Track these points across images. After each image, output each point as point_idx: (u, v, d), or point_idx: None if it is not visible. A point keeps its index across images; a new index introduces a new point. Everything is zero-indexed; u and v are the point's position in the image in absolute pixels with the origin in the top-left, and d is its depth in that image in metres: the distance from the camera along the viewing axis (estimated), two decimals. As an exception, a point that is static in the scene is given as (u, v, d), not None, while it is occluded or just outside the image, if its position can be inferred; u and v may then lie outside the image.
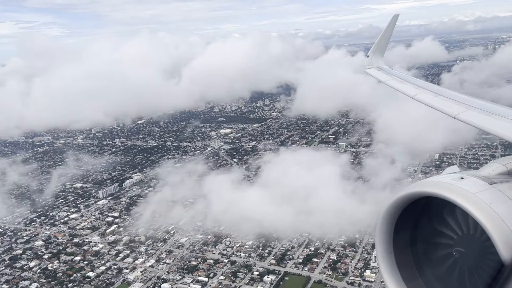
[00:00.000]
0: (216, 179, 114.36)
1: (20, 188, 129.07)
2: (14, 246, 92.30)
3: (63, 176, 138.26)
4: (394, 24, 20.51)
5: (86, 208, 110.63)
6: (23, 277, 79.35)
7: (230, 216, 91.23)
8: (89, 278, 76.86)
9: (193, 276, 75.17)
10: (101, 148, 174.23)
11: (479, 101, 9.79)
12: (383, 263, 5.66)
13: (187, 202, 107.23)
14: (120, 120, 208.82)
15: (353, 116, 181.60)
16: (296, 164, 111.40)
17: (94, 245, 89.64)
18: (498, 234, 4.29)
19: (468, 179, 5.13)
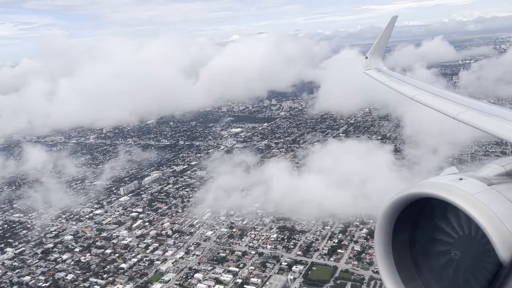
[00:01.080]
0: (270, 167, 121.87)
1: (39, 186, 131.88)
2: (44, 240, 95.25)
3: (81, 174, 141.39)
4: (393, 25, 20.59)
5: (109, 204, 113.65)
6: (57, 269, 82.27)
7: (290, 200, 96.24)
8: (123, 269, 79.87)
9: (224, 266, 78.28)
10: (114, 147, 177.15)
11: (478, 102, 10.09)
12: (382, 264, 5.68)
13: (240, 190, 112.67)
14: (145, 118, 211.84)
15: (375, 113, 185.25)
16: (341, 153, 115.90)
17: (123, 238, 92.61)
18: (496, 235, 4.30)
19: (466, 180, 5.18)
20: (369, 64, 19.01)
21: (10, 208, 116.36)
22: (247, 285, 71.32)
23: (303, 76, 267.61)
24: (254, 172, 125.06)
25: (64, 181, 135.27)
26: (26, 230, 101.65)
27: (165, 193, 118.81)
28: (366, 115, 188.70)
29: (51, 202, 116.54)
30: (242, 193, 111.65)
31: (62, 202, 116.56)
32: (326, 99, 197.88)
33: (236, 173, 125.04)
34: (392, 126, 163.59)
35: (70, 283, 76.88)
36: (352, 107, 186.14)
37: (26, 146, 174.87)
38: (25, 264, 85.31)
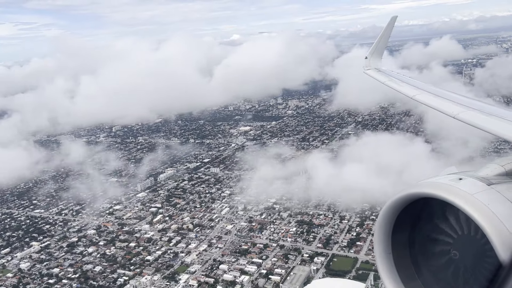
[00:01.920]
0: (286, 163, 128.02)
1: (57, 183, 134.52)
2: (68, 234, 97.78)
3: (96, 170, 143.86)
4: (393, 25, 20.64)
5: (127, 200, 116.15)
6: (84, 262, 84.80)
7: (332, 188, 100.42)
8: (148, 261, 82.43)
9: (247, 258, 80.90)
10: (125, 146, 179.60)
11: (477, 102, 10.24)
12: (382, 264, 5.69)
13: (257, 185, 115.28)
14: (163, 115, 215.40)
15: (394, 110, 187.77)
16: (375, 145, 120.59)
17: (145, 232, 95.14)
18: (496, 235, 4.31)
19: (466, 180, 5.19)
20: (369, 64, 19.13)
21: (30, 204, 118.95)
22: (272, 275, 73.89)
23: (317, 74, 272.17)
24: (269, 168, 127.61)
25: (79, 178, 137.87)
26: (49, 225, 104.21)
27: (182, 189, 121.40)
28: (386, 111, 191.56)
29: (71, 198, 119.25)
30: (258, 188, 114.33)
31: (80, 198, 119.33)
32: (344, 96, 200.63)
33: (250, 169, 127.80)
34: (414, 121, 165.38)
35: (99, 275, 79.45)
36: (370, 104, 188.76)
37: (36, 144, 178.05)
38: (52, 257, 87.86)
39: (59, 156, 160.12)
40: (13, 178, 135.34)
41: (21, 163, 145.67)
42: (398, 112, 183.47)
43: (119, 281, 76.34)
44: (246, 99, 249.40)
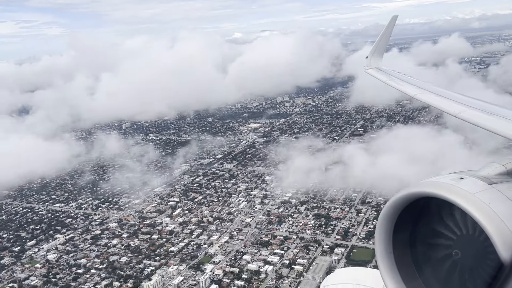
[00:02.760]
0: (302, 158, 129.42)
1: (74, 179, 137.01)
2: (90, 227, 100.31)
3: (111, 166, 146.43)
4: (393, 25, 20.59)
5: (145, 194, 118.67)
6: (110, 253, 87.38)
7: (369, 176, 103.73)
8: (173, 252, 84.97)
9: (269, 249, 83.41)
10: (136, 142, 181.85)
11: (478, 101, 10.31)
12: (383, 263, 5.71)
13: (271, 180, 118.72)
14: (183, 111, 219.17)
15: (410, 106, 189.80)
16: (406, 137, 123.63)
17: (166, 225, 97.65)
18: (497, 235, 4.33)
19: (467, 179, 5.20)
20: (370, 64, 19.12)
21: (49, 199, 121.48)
22: (295, 265, 76.43)
23: (327, 72, 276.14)
24: (283, 163, 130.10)
25: (94, 173, 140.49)
26: (70, 218, 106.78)
27: (197, 184, 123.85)
28: (401, 107, 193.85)
29: (90, 193, 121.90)
30: (273, 183, 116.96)
31: (98, 193, 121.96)
32: (361, 93, 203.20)
33: (261, 165, 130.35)
34: (432, 117, 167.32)
35: (125, 265, 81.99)
36: (386, 100, 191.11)
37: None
38: (77, 248, 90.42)
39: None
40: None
41: (60, 155, 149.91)
42: (416, 107, 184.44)
43: (146, 271, 78.86)
44: (260, 96, 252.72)
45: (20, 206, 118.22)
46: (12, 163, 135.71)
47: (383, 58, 20.04)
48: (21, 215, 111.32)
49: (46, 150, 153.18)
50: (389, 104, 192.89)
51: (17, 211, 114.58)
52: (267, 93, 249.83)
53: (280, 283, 71.86)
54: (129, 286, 74.63)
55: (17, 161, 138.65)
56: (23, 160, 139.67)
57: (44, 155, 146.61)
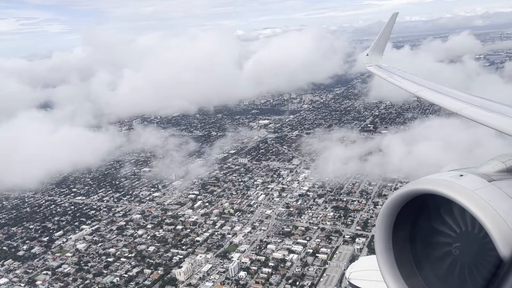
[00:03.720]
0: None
1: (92, 173, 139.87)
2: (115, 219, 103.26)
3: (127, 162, 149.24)
4: (393, 22, 20.68)
5: (164, 188, 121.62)
6: (137, 242, 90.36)
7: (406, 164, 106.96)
8: (198, 242, 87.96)
9: (291, 239, 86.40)
10: (148, 138, 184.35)
11: (478, 98, 10.46)
12: (382, 260, 5.76)
13: (287, 174, 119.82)
14: (204, 107, 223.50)
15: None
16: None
17: (189, 217, 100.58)
18: (497, 231, 4.36)
19: (467, 176, 5.24)
20: (370, 61, 19.15)
21: (70, 192, 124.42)
22: (318, 253, 79.44)
23: (339, 68, 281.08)
24: (297, 159, 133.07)
25: (112, 167, 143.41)
26: (94, 210, 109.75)
27: (214, 178, 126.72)
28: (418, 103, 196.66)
29: (108, 187, 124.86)
30: (289, 177, 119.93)
31: (119, 186, 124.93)
32: (379, 88, 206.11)
33: (275, 159, 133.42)
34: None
35: (154, 254, 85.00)
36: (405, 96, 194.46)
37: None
38: (105, 238, 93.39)
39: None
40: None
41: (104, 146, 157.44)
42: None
43: (174, 259, 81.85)
44: (276, 92, 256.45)
45: (42, 199, 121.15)
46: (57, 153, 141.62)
47: (383, 55, 20.24)
48: (45, 207, 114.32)
49: (92, 140, 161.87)
50: (408, 99, 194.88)
51: (40, 203, 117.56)
52: (282, 90, 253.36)
53: (306, 270, 74.83)
54: (160, 273, 77.55)
55: (65, 151, 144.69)
56: (69, 150, 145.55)
57: (89, 145, 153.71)
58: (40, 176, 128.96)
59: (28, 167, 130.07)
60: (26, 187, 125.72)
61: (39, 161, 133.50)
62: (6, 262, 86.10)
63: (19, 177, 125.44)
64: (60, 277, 79.08)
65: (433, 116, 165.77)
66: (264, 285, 71.69)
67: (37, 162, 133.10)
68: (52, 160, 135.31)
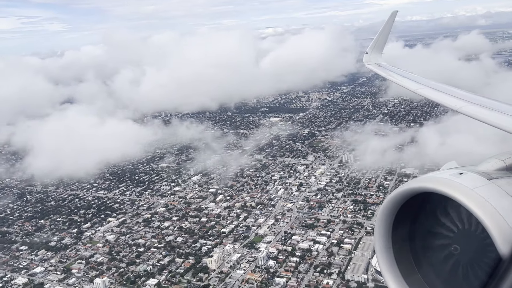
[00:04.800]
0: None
1: (112, 169, 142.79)
2: (139, 212, 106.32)
3: (143, 158, 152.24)
4: (393, 20, 20.69)
5: (184, 182, 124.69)
6: (165, 234, 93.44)
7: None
8: (224, 233, 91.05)
9: (315, 231, 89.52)
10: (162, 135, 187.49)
11: (477, 96, 10.58)
12: (382, 259, 5.75)
13: (303, 170, 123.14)
14: (225, 104, 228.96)
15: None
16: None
17: (212, 210, 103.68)
18: (496, 229, 4.36)
19: (466, 174, 5.26)
20: (369, 59, 19.21)
21: (92, 187, 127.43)
22: (342, 244, 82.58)
23: (352, 67, 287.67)
24: (312, 155, 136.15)
25: (131, 164, 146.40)
26: (118, 204, 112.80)
27: (232, 173, 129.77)
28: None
29: (127, 182, 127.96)
30: (306, 172, 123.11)
31: (139, 181, 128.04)
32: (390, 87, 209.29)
33: (290, 156, 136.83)
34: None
35: (182, 244, 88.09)
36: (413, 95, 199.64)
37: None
38: (132, 230, 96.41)
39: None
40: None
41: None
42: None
43: (203, 249, 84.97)
44: (292, 90, 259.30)
45: (65, 193, 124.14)
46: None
47: (382, 54, 20.39)
48: (69, 201, 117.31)
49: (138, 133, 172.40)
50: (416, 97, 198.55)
51: (63, 197, 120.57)
52: (298, 87, 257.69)
53: (332, 259, 78.00)
54: (191, 262, 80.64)
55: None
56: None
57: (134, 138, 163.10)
58: (91, 167, 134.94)
59: (80, 158, 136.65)
60: (75, 177, 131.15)
61: (90, 152, 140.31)
62: (39, 252, 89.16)
63: (71, 168, 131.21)
64: (94, 266, 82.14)
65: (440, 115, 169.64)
66: (293, 273, 74.78)
67: (88, 153, 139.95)
68: (101, 151, 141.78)
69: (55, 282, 77.92)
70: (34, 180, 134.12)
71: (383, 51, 20.69)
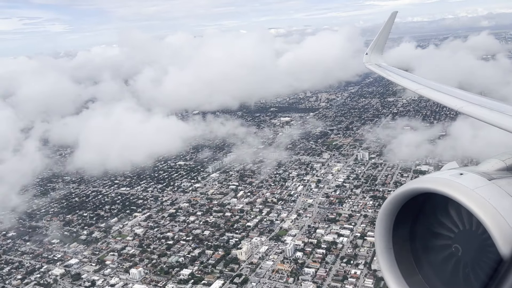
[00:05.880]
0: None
1: (131, 167, 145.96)
2: (163, 207, 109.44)
3: (161, 156, 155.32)
4: (393, 21, 20.76)
5: (203, 179, 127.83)
6: (191, 228, 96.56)
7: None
8: (249, 227, 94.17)
9: (338, 224, 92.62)
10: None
11: (477, 97, 10.80)
12: (383, 259, 5.78)
13: (319, 168, 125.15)
14: (245, 103, 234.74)
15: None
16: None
17: (234, 205, 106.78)
18: (497, 230, 4.36)
19: (467, 175, 5.26)
20: (369, 60, 19.38)
21: (113, 184, 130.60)
22: (366, 236, 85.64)
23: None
24: (326, 153, 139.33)
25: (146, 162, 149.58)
26: (141, 200, 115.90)
27: (250, 170, 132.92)
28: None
29: (147, 179, 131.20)
30: (322, 169, 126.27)
31: (158, 178, 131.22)
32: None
33: (304, 154, 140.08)
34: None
35: (210, 237, 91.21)
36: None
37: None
38: (159, 224, 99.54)
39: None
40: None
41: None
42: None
43: (231, 242, 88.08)
44: (307, 89, 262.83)
45: (88, 190, 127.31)
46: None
47: (383, 54, 20.57)
48: (93, 197, 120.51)
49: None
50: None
51: (87, 194, 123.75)
52: (314, 87, 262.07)
53: (358, 251, 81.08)
54: (220, 253, 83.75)
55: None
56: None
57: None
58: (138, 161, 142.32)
59: (126, 152, 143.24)
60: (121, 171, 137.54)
61: (136, 147, 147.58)
62: (71, 245, 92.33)
63: (118, 162, 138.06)
64: (127, 258, 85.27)
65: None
66: (321, 264, 77.87)
67: (134, 148, 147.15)
68: (149, 146, 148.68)
69: (91, 272, 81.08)
70: (81, 173, 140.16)
71: (383, 52, 21.02)
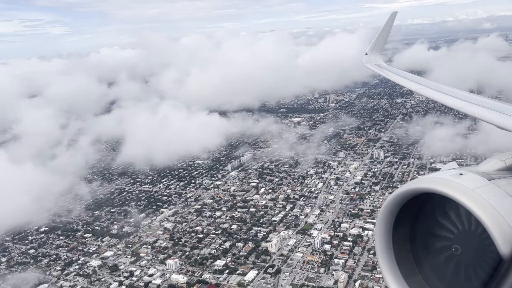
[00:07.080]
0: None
1: (151, 164, 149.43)
2: (188, 203, 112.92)
3: (182, 154, 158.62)
4: (392, 22, 20.87)
5: (223, 177, 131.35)
6: (219, 222, 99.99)
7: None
8: (275, 222, 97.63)
9: (361, 219, 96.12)
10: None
11: (477, 97, 11.19)
12: (383, 259, 5.80)
13: (337, 166, 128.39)
14: (265, 102, 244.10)
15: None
16: None
17: (257, 201, 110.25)
18: (496, 230, 4.38)
19: (467, 175, 5.28)
20: (369, 60, 19.55)
21: (135, 182, 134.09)
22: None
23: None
24: (342, 152, 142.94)
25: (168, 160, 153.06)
26: (165, 196, 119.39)
27: (268, 168, 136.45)
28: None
29: (168, 177, 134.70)
30: (340, 168, 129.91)
31: (178, 176, 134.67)
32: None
33: (320, 152, 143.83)
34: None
35: (238, 231, 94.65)
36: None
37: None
38: (187, 219, 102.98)
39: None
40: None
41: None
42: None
43: (259, 235, 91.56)
44: (323, 90, 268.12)
45: (111, 187, 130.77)
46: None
47: (382, 54, 21.04)
48: (117, 194, 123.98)
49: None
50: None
51: (111, 191, 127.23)
52: (330, 87, 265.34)
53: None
54: (251, 246, 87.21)
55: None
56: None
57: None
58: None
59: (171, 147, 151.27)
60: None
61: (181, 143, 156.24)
62: (104, 239, 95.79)
63: (164, 156, 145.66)
64: (160, 250, 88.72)
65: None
66: (349, 255, 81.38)
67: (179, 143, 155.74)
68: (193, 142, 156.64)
69: (128, 264, 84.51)
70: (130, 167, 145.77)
71: (383, 52, 21.55)
